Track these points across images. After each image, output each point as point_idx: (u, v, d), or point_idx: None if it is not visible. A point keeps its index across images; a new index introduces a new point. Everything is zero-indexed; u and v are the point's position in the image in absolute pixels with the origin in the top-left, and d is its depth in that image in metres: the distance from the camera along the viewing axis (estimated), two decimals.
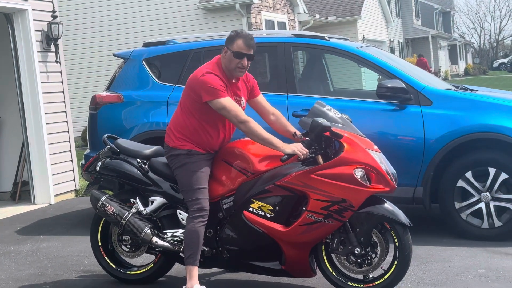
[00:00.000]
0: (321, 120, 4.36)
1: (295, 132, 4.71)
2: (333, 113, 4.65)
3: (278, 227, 4.49)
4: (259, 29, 17.56)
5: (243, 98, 4.74)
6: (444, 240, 5.88)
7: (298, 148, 4.37)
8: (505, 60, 55.36)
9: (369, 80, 22.13)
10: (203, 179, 4.59)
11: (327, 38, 6.60)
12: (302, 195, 4.45)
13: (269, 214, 4.52)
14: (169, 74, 6.95)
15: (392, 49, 32.88)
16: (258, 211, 4.54)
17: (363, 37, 25.88)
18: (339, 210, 4.35)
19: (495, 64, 58.35)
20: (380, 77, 6.61)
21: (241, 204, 4.59)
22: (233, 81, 4.65)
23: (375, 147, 4.57)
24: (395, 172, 4.55)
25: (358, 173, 4.36)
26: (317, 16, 23.72)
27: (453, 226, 5.95)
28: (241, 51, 4.52)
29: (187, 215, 4.69)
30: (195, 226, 4.51)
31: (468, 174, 5.82)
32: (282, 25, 19.80)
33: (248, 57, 4.57)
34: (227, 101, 4.47)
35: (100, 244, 5.11)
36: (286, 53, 6.54)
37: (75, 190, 9.44)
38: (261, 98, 4.87)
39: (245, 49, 4.53)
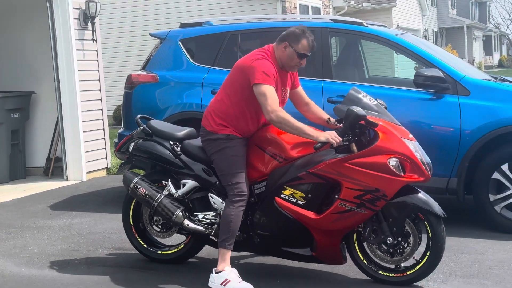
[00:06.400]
0: (356, 109, 4.31)
1: (329, 118, 4.69)
2: (368, 99, 4.60)
3: (310, 214, 4.47)
4: (293, 13, 17.44)
5: (288, 89, 4.76)
6: (477, 232, 5.82)
7: (332, 136, 4.32)
8: None
9: (402, 69, 21.90)
10: (242, 163, 4.58)
11: (365, 24, 6.53)
12: (334, 183, 4.42)
13: (301, 201, 4.50)
14: (205, 56, 6.94)
15: (426, 38, 32.45)
16: (290, 198, 4.52)
17: (397, 25, 25.57)
18: (372, 199, 4.32)
19: None
20: (417, 65, 6.52)
21: (273, 190, 4.57)
22: (282, 71, 4.65)
23: (410, 135, 4.51)
24: (430, 161, 4.50)
25: (393, 162, 4.31)
26: (352, 2, 23.48)
27: (487, 219, 5.87)
28: (305, 52, 4.56)
29: (218, 198, 4.72)
30: (234, 210, 4.50)
31: (504, 167, 5.73)
32: (316, 10, 19.64)
33: (307, 57, 4.61)
34: (270, 90, 4.44)
35: (131, 223, 5.14)
36: (323, 39, 6.47)
37: (106, 168, 9.53)
38: (301, 90, 4.88)
39: (308, 50, 4.58)
